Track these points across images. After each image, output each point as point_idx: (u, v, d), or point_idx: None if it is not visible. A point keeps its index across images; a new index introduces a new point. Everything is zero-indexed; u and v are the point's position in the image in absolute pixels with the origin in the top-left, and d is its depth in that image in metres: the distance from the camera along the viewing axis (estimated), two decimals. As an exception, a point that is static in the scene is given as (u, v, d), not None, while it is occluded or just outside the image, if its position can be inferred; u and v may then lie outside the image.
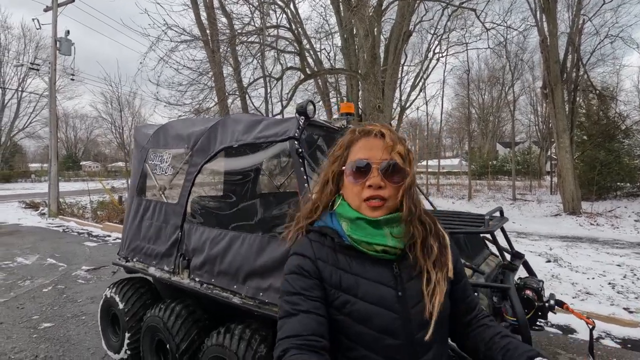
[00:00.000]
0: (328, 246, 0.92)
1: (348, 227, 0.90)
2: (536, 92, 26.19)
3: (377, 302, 0.85)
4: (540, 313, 1.75)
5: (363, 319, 0.85)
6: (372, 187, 0.87)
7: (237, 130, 2.28)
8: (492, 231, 1.83)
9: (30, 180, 37.20)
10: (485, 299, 1.68)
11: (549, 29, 11.63)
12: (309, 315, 0.82)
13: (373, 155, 0.88)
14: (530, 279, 1.88)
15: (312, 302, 0.85)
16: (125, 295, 2.80)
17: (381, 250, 0.88)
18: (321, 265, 0.89)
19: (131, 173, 3.14)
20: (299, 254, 0.92)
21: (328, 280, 0.88)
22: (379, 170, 0.87)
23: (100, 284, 5.06)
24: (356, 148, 0.92)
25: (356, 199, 0.89)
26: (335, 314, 0.86)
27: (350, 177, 0.90)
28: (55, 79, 13.00)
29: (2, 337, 3.45)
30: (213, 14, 11.44)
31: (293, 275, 0.89)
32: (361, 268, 0.89)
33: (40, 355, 3.12)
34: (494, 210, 2.12)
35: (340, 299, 0.86)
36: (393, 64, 9.92)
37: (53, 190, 12.32)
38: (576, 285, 5.05)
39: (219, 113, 11.47)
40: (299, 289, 0.86)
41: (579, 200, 11.87)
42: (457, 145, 51.43)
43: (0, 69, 32.35)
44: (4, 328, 3.66)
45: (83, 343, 3.33)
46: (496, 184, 23.78)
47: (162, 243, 2.66)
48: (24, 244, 7.79)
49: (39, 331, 3.58)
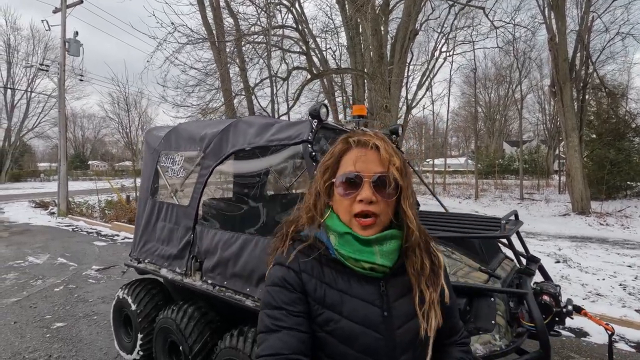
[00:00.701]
0: (314, 258, 0.88)
1: (336, 241, 0.85)
2: (544, 90, 25.94)
3: (362, 322, 0.82)
4: (558, 319, 1.73)
5: (346, 338, 0.81)
6: (363, 201, 0.82)
7: (250, 133, 2.28)
8: (508, 236, 1.81)
9: (39, 179, 37.69)
10: (502, 305, 1.66)
11: (557, 26, 11.49)
12: (291, 332, 0.79)
13: (365, 168, 0.83)
14: (547, 283, 1.86)
15: (295, 317, 0.81)
16: (138, 296, 2.82)
17: (368, 267, 0.84)
18: (305, 278, 0.85)
19: (142, 175, 3.16)
20: (283, 264, 0.87)
21: (312, 295, 0.84)
22: (370, 184, 0.82)
23: (110, 284, 5.11)
24: (348, 159, 0.86)
25: (346, 213, 0.85)
26: (317, 330, 0.83)
27: (340, 190, 0.85)
28: (64, 80, 13.13)
29: (17, 337, 3.50)
30: (219, 14, 11.47)
31: (275, 287, 0.85)
32: (347, 284, 0.85)
33: (54, 355, 3.15)
34: (509, 214, 2.10)
35: (324, 315, 0.83)
36: (399, 62, 9.88)
37: (62, 190, 12.45)
38: (586, 287, 4.99)
39: (225, 113, 11.51)
40: (281, 304, 0.82)
41: (588, 199, 11.74)
42: (464, 144, 51.11)
43: (10, 69, 32.85)
44: (17, 327, 3.71)
45: (95, 343, 3.36)
46: (503, 183, 23.60)
47: (173, 245, 2.67)
48: (34, 243, 7.89)
49: (51, 331, 3.62)
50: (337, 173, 0.87)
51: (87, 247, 7.60)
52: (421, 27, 13.28)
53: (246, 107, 12.38)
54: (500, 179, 25.73)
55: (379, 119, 8.15)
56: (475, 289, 1.63)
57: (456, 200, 16.61)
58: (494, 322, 1.58)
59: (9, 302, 4.42)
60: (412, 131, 32.05)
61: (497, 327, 1.57)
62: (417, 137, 34.64)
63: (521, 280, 1.83)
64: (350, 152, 0.87)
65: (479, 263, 1.90)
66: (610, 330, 1.60)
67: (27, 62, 31.42)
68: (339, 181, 0.85)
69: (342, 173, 0.85)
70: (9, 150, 33.16)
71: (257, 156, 2.35)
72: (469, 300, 1.61)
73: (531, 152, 29.09)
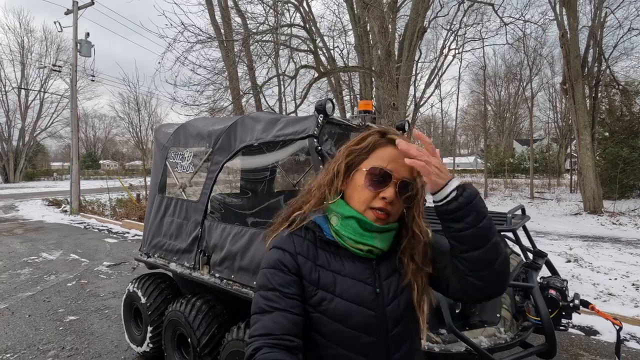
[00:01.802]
0: (308, 240, 0.90)
1: (338, 222, 0.88)
2: (555, 88, 25.52)
3: (355, 300, 0.85)
4: (565, 313, 1.72)
5: (340, 316, 0.84)
6: (385, 199, 0.84)
7: (257, 129, 2.31)
8: (514, 229, 1.80)
9: (52, 178, 38.50)
10: (508, 298, 1.66)
11: (569, 22, 11.30)
12: (284, 314, 0.81)
13: (397, 169, 0.85)
14: (554, 278, 1.85)
15: (289, 300, 0.83)
16: (147, 290, 2.88)
17: (366, 250, 0.87)
18: (301, 260, 0.87)
19: (152, 171, 3.22)
20: (280, 247, 0.89)
21: (307, 277, 0.86)
22: (396, 186, 0.84)
23: (121, 279, 5.21)
24: (382, 154, 0.87)
25: (363, 204, 0.86)
26: (310, 311, 0.85)
27: (366, 180, 0.86)
28: (76, 80, 13.37)
29: (31, 329, 3.59)
30: (228, 14, 11.56)
31: (271, 270, 0.87)
32: (340, 265, 0.88)
33: (67, 347, 3.23)
34: (515, 209, 2.09)
35: (317, 296, 0.85)
36: (407, 60, 9.83)
37: (75, 188, 12.69)
38: (597, 286, 4.92)
39: (233, 112, 11.60)
40: (275, 285, 0.84)
41: (601, 198, 11.53)
42: (473, 143, 50.59)
43: (24, 70, 33.57)
44: (32, 320, 3.81)
45: (106, 336, 3.43)
46: (513, 182, 23.31)
47: (182, 239, 2.72)
48: (48, 240, 8.07)
49: (64, 324, 3.71)
50: (365, 162, 0.88)
51: (98, 244, 7.74)
52: (429, 24, 13.18)
53: (254, 106, 12.46)
54: (510, 178, 25.41)
55: (386, 117, 8.13)
56: (480, 282, 1.63)
57: (465, 199, 16.42)
58: (499, 315, 1.58)
59: (24, 296, 4.53)
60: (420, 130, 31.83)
61: (503, 320, 1.57)
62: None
63: (527, 274, 1.82)
64: (386, 148, 0.87)
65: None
66: (618, 324, 1.58)
67: (40, 63, 32.07)
68: (369, 172, 0.86)
69: (375, 166, 0.86)
70: (23, 149, 33.90)
71: (264, 151, 2.38)
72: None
73: (542, 150, 28.63)
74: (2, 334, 3.47)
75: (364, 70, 10.19)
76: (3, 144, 33.28)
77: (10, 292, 4.65)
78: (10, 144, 33.54)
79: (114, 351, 3.15)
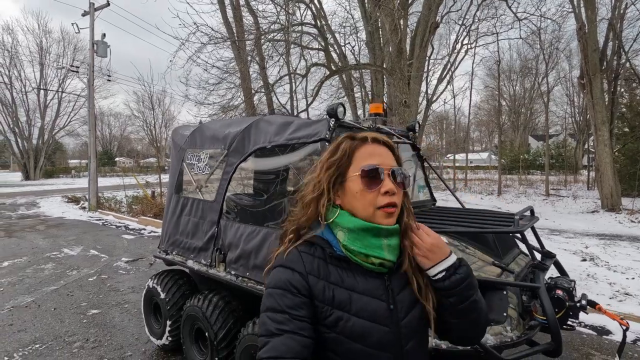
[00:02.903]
0: (318, 257, 0.87)
1: (345, 237, 0.86)
2: (573, 82, 24.89)
3: (371, 318, 0.83)
4: (572, 313, 1.75)
5: (357, 336, 0.82)
6: (388, 193, 0.84)
7: (270, 132, 2.39)
8: (521, 231, 1.84)
9: (70, 175, 39.60)
10: (515, 298, 1.70)
11: (587, 15, 11.02)
12: (294, 337, 0.78)
13: (382, 162, 0.86)
14: (562, 278, 1.88)
15: (298, 322, 0.80)
16: (166, 285, 3.01)
17: (378, 263, 0.85)
18: (312, 280, 0.84)
19: (170, 172, 3.34)
20: (288, 267, 0.86)
21: (320, 297, 0.83)
22: (390, 176, 0.85)
23: (139, 275, 5.40)
24: (362, 154, 0.88)
25: (369, 206, 0.85)
26: (326, 332, 0.83)
27: (363, 184, 0.85)
28: (92, 80, 13.73)
29: (57, 321, 3.78)
30: (239, 13, 11.67)
31: (279, 290, 0.83)
32: (353, 281, 0.85)
33: (91, 339, 3.40)
34: (524, 210, 2.12)
35: (333, 316, 0.82)
36: (419, 57, 9.77)
37: (92, 186, 13.07)
38: (614, 286, 4.85)
39: (245, 111, 11.73)
40: (284, 307, 0.81)
41: (619, 196, 11.27)
42: (486, 139, 49.78)
43: (43, 71, 34.53)
44: (57, 313, 4.01)
45: (127, 329, 3.59)
46: (528, 179, 22.92)
47: (199, 238, 2.83)
48: (68, 236, 8.37)
49: (87, 317, 3.90)
50: (351, 168, 0.87)
51: (116, 240, 8.00)
52: (442, 19, 13.03)
53: (266, 104, 12.57)
54: (524, 175, 24.97)
55: (398, 114, 8.12)
56: (487, 282, 1.68)
57: (478, 197, 16.28)
58: (506, 314, 1.62)
59: (49, 290, 4.76)
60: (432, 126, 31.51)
61: (509, 319, 1.62)
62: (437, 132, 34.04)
63: (535, 274, 1.86)
64: (364, 148, 0.88)
65: (492, 258, 1.94)
66: (625, 325, 1.61)
67: (58, 63, 32.93)
68: (361, 175, 0.85)
69: (363, 166, 0.85)
70: (42, 147, 34.97)
71: (277, 153, 2.45)
72: (481, 293, 1.66)
73: (558, 146, 28.02)
74: (30, 326, 3.67)
75: (375, 67, 10.17)
76: (24, 142, 34.40)
77: (35, 286, 4.88)
78: (30, 142, 34.65)
79: (134, 344, 3.30)
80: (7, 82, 32.33)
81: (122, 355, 3.11)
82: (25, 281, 5.09)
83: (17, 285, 4.94)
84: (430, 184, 3.24)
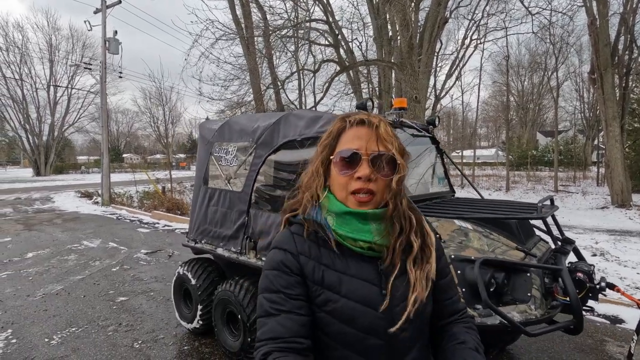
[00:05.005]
0: (311, 240, 0.88)
1: (334, 221, 0.85)
2: (582, 77, 24.65)
3: (361, 301, 0.82)
4: (591, 294, 1.86)
5: (346, 317, 0.82)
6: (361, 179, 0.81)
7: (300, 125, 2.51)
8: (544, 217, 1.95)
9: (79, 171, 40.17)
10: (538, 279, 1.82)
11: (598, 9, 10.96)
12: (290, 316, 0.80)
13: (363, 146, 0.83)
14: (581, 262, 1.99)
15: (294, 301, 0.81)
16: (197, 272, 3.16)
17: (367, 247, 0.84)
18: (303, 260, 0.85)
19: (197, 164, 3.48)
20: (280, 248, 0.88)
21: (310, 277, 0.84)
22: (369, 162, 0.82)
23: (159, 265, 5.58)
24: (346, 137, 0.86)
25: (343, 191, 0.84)
26: (316, 311, 0.84)
27: (337, 167, 0.84)
28: (105, 77, 13.94)
29: (88, 307, 3.97)
30: (248, 9, 11.77)
31: (274, 271, 0.85)
32: (344, 264, 0.85)
33: (123, 323, 3.58)
34: (545, 199, 2.23)
35: (322, 296, 0.83)
36: (428, 52, 9.81)
37: (105, 181, 13.32)
38: (625, 280, 4.93)
39: (255, 107, 11.87)
40: (279, 287, 0.82)
41: (629, 192, 11.26)
42: (494, 135, 49.48)
43: (52, 68, 34.97)
44: (87, 300, 4.19)
45: (156, 315, 3.76)
46: (536, 175, 22.83)
47: (227, 227, 2.97)
48: (85, 229, 8.60)
49: (117, 303, 4.07)
50: (335, 151, 0.87)
51: (132, 233, 8.21)
52: (451, 14, 13.02)
53: (274, 101, 12.70)
54: (532, 171, 24.86)
55: (409, 110, 8.20)
56: (512, 264, 1.80)
57: (486, 193, 16.30)
58: (530, 294, 1.74)
59: (76, 279, 4.95)
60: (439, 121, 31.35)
61: (533, 299, 1.74)
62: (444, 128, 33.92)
63: (556, 258, 1.97)
64: (349, 130, 0.86)
65: (515, 243, 2.05)
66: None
67: (67, 60, 33.31)
68: (337, 158, 0.85)
69: (340, 150, 0.85)
70: (52, 144, 35.49)
71: (305, 146, 2.58)
72: (507, 275, 1.78)
73: (567, 142, 27.82)
74: (63, 312, 3.85)
75: (386, 63, 10.23)
76: (34, 138, 34.93)
77: (62, 276, 5.08)
78: (41, 139, 35.18)
79: (165, 327, 3.47)
80: (18, 78, 32.79)
81: (154, 337, 3.28)
82: (52, 271, 5.29)
83: (45, 274, 5.14)
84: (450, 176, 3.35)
